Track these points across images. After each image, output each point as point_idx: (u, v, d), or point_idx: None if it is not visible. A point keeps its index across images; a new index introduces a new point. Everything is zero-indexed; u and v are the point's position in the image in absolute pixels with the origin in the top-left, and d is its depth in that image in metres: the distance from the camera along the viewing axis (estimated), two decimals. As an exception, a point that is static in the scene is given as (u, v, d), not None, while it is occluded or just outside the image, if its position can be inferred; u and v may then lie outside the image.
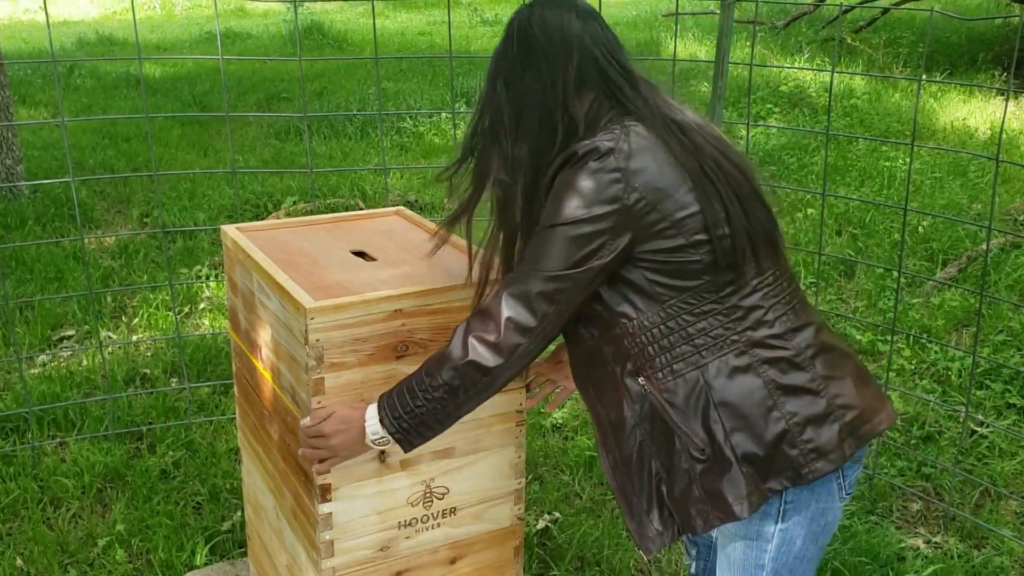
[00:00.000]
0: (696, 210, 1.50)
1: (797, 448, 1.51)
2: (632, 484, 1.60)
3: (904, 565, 2.66)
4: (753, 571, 1.60)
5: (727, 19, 2.92)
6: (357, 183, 5.75)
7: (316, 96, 7.98)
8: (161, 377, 3.67)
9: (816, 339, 1.57)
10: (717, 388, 1.51)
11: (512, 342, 1.52)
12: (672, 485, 1.55)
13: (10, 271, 4.49)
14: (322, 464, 1.71)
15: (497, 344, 1.52)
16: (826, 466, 1.52)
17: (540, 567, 2.69)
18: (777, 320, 1.54)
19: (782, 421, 1.50)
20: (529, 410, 2.08)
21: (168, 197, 5.55)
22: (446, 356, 1.55)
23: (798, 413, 1.51)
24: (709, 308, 1.52)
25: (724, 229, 1.51)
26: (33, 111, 7.71)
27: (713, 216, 1.50)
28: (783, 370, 1.52)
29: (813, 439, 1.51)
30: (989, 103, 7.07)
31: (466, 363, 1.53)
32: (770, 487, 1.51)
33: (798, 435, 1.51)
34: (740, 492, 1.50)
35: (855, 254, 4.66)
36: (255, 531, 2.36)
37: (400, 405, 1.59)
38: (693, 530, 1.55)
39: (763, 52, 8.53)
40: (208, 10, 14.75)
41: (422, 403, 1.57)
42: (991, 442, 3.23)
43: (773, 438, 1.50)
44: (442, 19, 12.62)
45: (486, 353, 1.52)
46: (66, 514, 2.90)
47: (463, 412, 1.60)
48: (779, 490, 1.52)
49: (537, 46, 1.59)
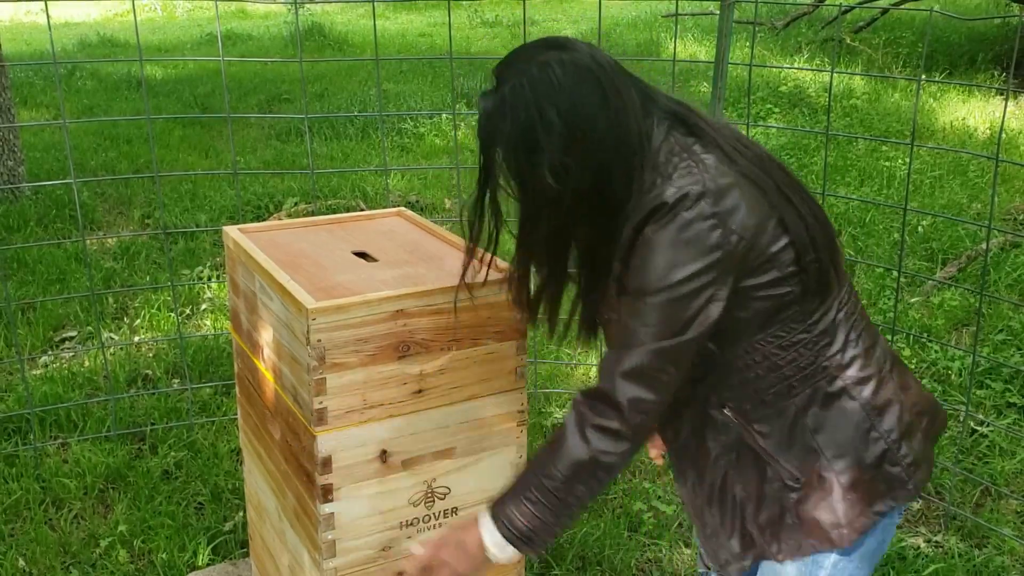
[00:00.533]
0: (787, 242, 1.41)
1: (899, 465, 1.47)
2: (712, 509, 1.55)
3: (905, 564, 2.67)
4: None
5: (727, 20, 2.92)
6: (358, 184, 5.76)
7: (317, 97, 7.99)
8: (163, 378, 3.67)
9: (887, 348, 1.54)
10: (812, 416, 1.46)
11: (636, 423, 1.41)
12: (758, 512, 1.50)
13: (12, 272, 4.49)
14: None
15: (620, 431, 1.41)
16: (925, 476, 1.49)
17: (541, 567, 2.70)
18: (859, 338, 1.49)
19: (881, 441, 1.46)
20: (531, 410, 2.08)
21: (169, 198, 5.56)
22: (564, 453, 1.43)
23: (893, 430, 1.48)
24: (798, 339, 1.45)
25: (812, 254, 1.42)
26: (35, 113, 7.72)
27: (802, 243, 1.42)
28: (875, 390, 1.48)
29: (909, 453, 1.48)
30: (989, 103, 7.08)
31: (591, 459, 1.41)
32: (877, 510, 1.47)
33: (896, 451, 1.47)
34: (839, 519, 1.46)
35: (855, 254, 4.67)
36: (257, 531, 2.37)
37: (520, 514, 1.46)
38: (774, 557, 1.50)
39: (763, 52, 8.53)
40: (209, 12, 14.76)
41: (544, 507, 1.45)
42: (991, 441, 3.24)
43: (875, 459, 1.46)
44: (442, 20, 12.62)
45: (611, 443, 1.41)
46: (68, 515, 2.90)
47: (589, 502, 1.50)
48: (886, 512, 1.48)
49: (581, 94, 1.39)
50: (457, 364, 1.84)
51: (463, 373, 1.85)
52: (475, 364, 1.86)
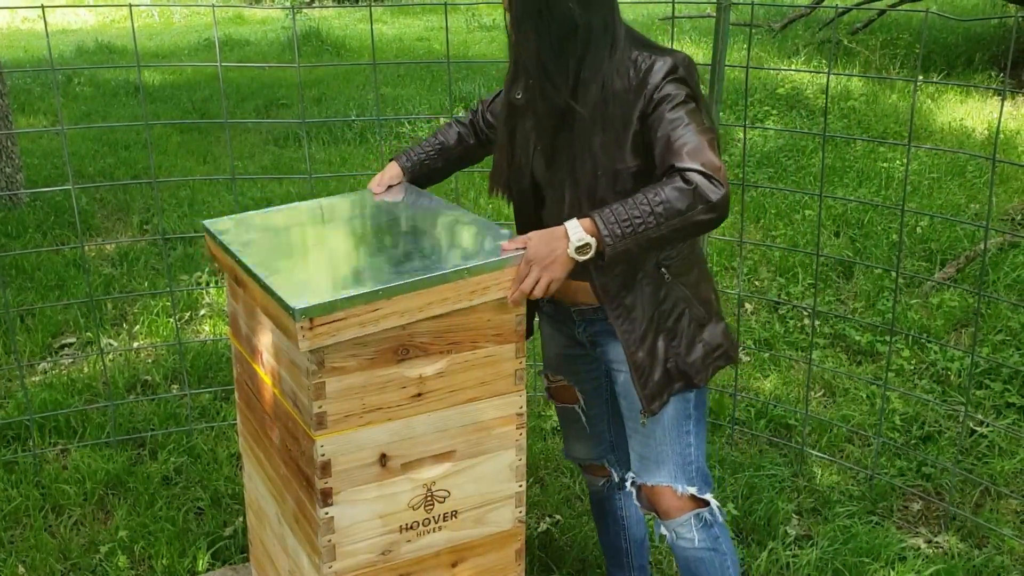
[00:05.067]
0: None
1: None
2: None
3: (905, 565, 2.67)
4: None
5: (723, 22, 2.93)
6: (356, 188, 5.75)
7: (315, 102, 7.99)
8: (162, 384, 3.68)
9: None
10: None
11: (726, 181, 1.72)
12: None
13: (11, 279, 4.50)
14: (539, 287, 1.79)
15: (720, 181, 1.70)
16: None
17: (541, 570, 2.69)
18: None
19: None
20: (530, 413, 2.09)
21: (168, 204, 5.57)
22: (669, 182, 1.71)
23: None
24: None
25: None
26: (32, 119, 7.73)
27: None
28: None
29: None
30: (986, 103, 7.09)
31: (693, 188, 1.70)
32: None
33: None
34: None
35: (853, 255, 4.67)
36: (257, 536, 2.37)
37: (615, 212, 1.71)
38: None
39: (760, 55, 8.54)
40: (206, 17, 14.78)
41: (639, 214, 1.70)
42: (991, 441, 3.24)
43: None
44: (440, 24, 12.64)
45: (712, 185, 1.70)
46: (68, 521, 2.90)
47: (671, 238, 1.74)
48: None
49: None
50: (456, 367, 1.84)
51: (462, 376, 1.86)
52: (474, 367, 1.86)
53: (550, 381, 2.28)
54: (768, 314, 4.20)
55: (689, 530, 2.05)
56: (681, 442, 2.02)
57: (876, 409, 3.40)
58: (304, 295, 1.70)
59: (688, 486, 2.03)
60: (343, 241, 2.03)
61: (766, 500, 2.91)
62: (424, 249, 1.93)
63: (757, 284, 4.48)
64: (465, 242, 1.96)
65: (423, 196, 2.22)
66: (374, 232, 2.07)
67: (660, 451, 2.03)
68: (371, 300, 1.70)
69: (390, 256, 1.92)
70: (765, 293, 4.38)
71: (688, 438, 2.02)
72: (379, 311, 1.71)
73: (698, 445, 2.05)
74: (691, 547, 2.07)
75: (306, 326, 1.65)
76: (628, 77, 1.83)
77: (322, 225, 2.13)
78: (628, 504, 2.39)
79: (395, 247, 1.97)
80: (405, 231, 2.05)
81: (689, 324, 1.98)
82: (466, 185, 5.65)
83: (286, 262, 1.94)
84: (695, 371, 1.99)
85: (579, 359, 2.19)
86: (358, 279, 1.79)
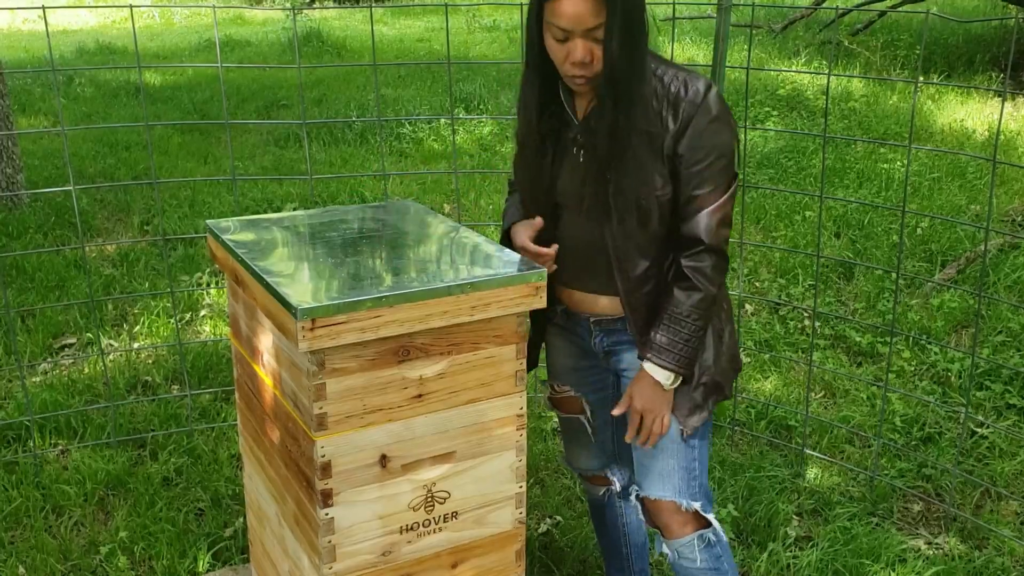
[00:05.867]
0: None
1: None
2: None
3: (905, 566, 2.67)
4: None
5: (724, 23, 2.93)
6: (357, 189, 5.76)
7: (315, 103, 7.99)
8: (163, 384, 3.68)
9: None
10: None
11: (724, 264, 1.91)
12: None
13: (11, 280, 4.50)
14: (664, 425, 1.97)
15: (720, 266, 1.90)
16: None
17: (542, 571, 2.69)
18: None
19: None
20: (530, 414, 2.09)
21: (168, 205, 5.57)
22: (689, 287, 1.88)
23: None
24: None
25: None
26: (33, 120, 7.73)
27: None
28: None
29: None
30: (986, 104, 7.09)
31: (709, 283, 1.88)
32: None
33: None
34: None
35: (854, 256, 4.67)
36: (257, 537, 2.37)
37: (674, 348, 1.90)
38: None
39: (760, 56, 8.54)
40: (207, 18, 14.78)
41: (687, 332, 1.89)
42: (991, 443, 3.24)
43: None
44: (440, 25, 12.64)
45: (720, 269, 1.90)
46: (68, 522, 2.90)
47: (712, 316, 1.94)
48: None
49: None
50: (457, 368, 1.84)
51: (462, 377, 1.86)
52: (474, 368, 1.86)
53: (555, 391, 2.26)
54: (768, 315, 4.20)
55: (692, 551, 2.04)
56: (687, 456, 2.01)
57: (876, 410, 3.40)
58: (307, 296, 1.70)
59: (692, 501, 2.02)
60: (348, 248, 2.03)
61: (766, 501, 2.91)
62: (429, 262, 1.94)
63: (757, 285, 4.48)
64: (471, 259, 1.95)
65: (436, 216, 2.22)
66: (380, 242, 2.07)
67: (666, 464, 2.02)
68: (374, 306, 1.70)
69: (394, 266, 1.92)
70: (765, 294, 4.38)
71: (694, 452, 2.01)
72: (380, 318, 1.71)
73: (702, 461, 2.04)
74: (693, 567, 2.05)
75: (307, 327, 1.65)
76: (657, 94, 1.85)
77: (327, 231, 2.13)
78: (628, 511, 2.38)
79: (400, 258, 1.98)
80: (411, 244, 2.06)
81: (714, 335, 1.98)
82: (466, 185, 5.65)
83: (289, 264, 1.95)
84: (727, 381, 1.99)
85: (589, 370, 2.18)
86: (362, 285, 1.79)
